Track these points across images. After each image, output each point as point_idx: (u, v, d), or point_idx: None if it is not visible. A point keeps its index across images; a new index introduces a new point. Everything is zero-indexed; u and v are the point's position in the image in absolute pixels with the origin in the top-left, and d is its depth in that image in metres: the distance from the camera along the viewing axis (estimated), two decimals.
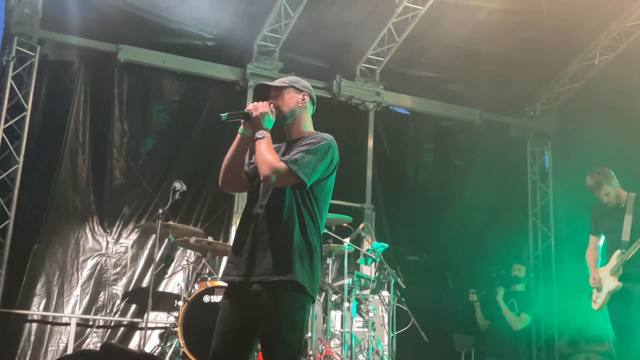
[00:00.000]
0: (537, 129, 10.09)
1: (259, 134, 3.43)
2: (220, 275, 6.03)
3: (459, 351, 8.22)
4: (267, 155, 3.37)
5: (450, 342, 8.45)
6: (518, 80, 9.40)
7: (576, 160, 8.94)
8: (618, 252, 6.08)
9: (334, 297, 6.82)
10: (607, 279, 6.15)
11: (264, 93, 3.62)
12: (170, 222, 6.79)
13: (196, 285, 6.58)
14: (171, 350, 6.25)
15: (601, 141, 8.65)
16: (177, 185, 6.46)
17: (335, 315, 6.70)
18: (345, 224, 6.86)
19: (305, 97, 3.65)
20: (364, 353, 6.40)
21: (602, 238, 6.41)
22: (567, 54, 9.06)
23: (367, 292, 6.94)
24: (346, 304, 6.35)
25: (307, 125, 3.68)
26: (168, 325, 7.25)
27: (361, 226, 7.06)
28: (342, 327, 6.46)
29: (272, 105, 3.52)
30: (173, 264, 7.96)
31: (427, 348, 6.87)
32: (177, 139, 8.36)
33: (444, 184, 9.63)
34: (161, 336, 7.50)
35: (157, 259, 7.26)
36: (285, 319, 3.30)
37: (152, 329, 7.63)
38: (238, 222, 3.61)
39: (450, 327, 8.60)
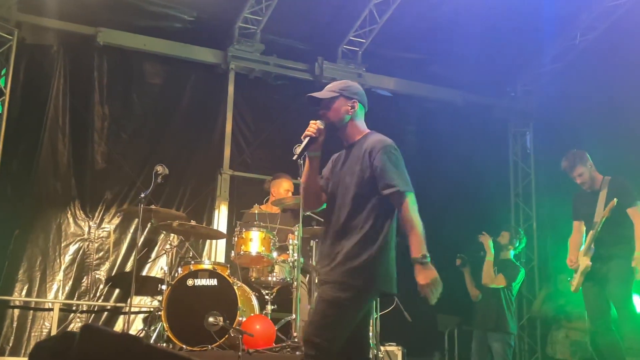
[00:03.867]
0: (518, 110, 10.11)
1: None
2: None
3: (442, 331, 8.26)
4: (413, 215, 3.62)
5: (433, 323, 8.48)
6: (499, 60, 9.40)
7: (558, 141, 8.96)
8: (591, 232, 6.09)
9: (317, 279, 6.82)
10: (581, 260, 6.16)
11: (315, 102, 3.70)
12: (153, 206, 6.75)
13: (179, 269, 6.57)
14: (155, 333, 6.24)
15: (583, 122, 8.68)
16: (159, 168, 6.40)
17: None
18: None
19: (355, 104, 3.75)
20: None
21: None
22: (548, 34, 9.06)
23: None
24: None
25: (361, 127, 3.82)
26: (152, 309, 7.24)
27: None
28: None
29: (318, 122, 3.64)
30: (156, 248, 7.94)
31: (411, 329, 6.88)
32: (159, 123, 8.31)
33: (426, 166, 9.59)
34: (145, 320, 7.50)
35: (139, 244, 7.25)
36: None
37: (136, 313, 7.64)
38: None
39: (433, 308, 8.60)
